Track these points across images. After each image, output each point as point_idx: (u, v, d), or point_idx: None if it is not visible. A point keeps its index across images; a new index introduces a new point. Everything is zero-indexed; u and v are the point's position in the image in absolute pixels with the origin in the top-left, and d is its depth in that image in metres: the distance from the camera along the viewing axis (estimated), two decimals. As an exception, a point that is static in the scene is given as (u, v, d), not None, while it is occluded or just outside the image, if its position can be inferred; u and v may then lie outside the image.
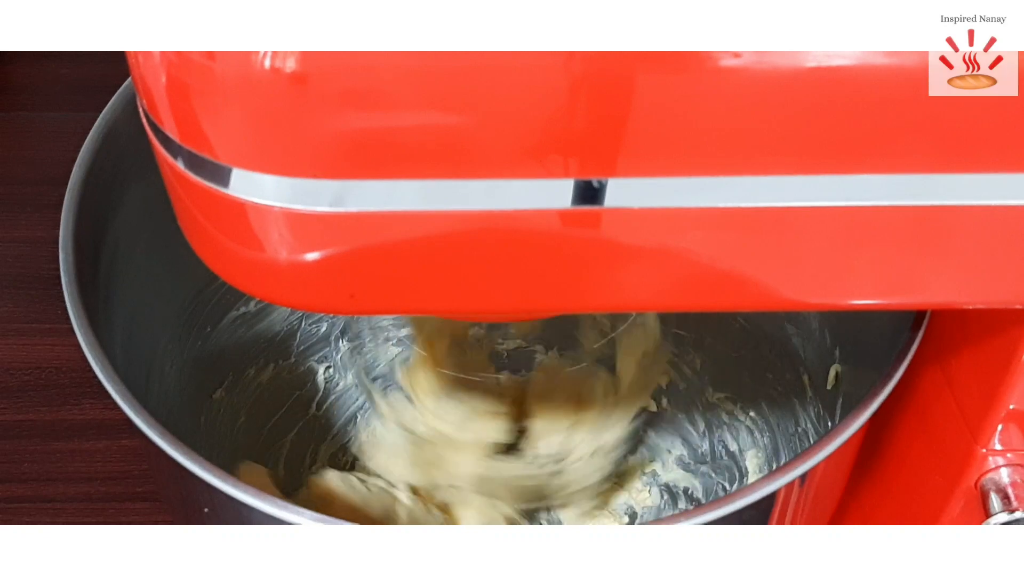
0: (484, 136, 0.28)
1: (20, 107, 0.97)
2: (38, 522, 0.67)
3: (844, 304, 0.34)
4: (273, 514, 0.35)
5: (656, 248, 0.31)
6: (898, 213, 0.30)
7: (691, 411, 0.67)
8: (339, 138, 0.28)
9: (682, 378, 0.67)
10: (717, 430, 0.66)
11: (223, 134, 0.28)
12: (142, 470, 0.70)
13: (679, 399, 0.67)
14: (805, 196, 0.29)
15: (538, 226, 0.30)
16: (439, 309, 0.34)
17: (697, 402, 0.67)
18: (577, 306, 0.33)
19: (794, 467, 0.37)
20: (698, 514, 0.35)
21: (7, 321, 0.79)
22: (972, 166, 0.29)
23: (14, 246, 0.84)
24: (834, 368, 0.54)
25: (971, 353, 0.42)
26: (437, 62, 0.26)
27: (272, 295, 0.33)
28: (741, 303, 0.38)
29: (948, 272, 0.32)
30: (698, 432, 0.67)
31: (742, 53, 0.27)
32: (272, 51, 0.26)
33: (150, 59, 0.28)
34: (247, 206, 0.29)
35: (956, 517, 0.45)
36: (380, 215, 0.29)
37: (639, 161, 0.28)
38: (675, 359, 0.66)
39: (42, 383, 0.75)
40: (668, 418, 0.68)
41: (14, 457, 0.71)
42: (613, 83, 0.27)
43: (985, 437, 0.42)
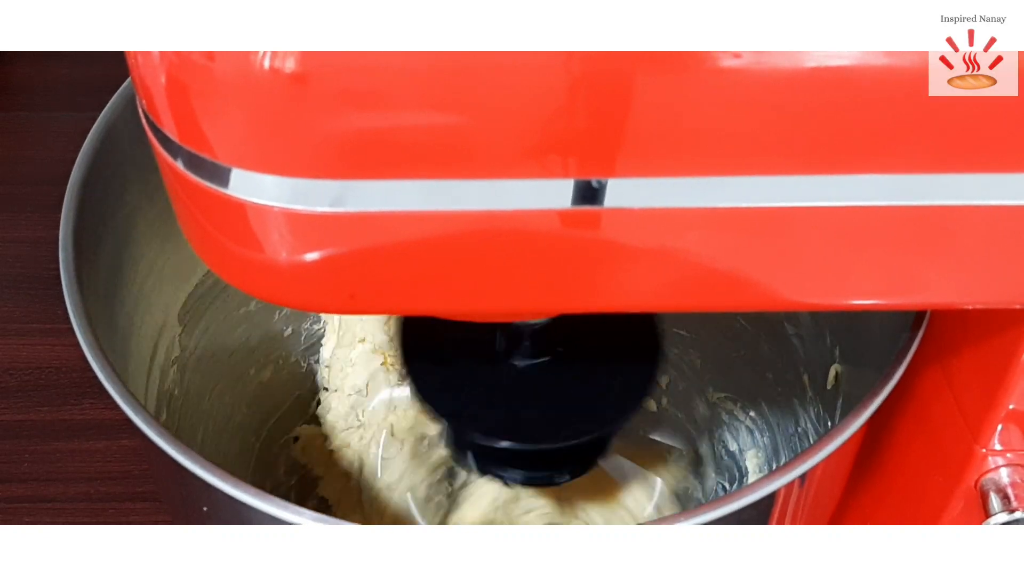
0: (484, 136, 0.28)
1: (20, 107, 0.97)
2: (38, 522, 0.67)
3: (844, 304, 0.34)
4: (273, 514, 0.35)
5: (656, 248, 0.31)
6: (898, 213, 0.30)
7: (691, 411, 0.67)
8: (339, 138, 0.28)
9: (682, 378, 0.67)
10: (717, 430, 0.67)
11: (223, 134, 0.28)
12: (142, 470, 0.70)
13: (679, 399, 0.67)
14: (805, 196, 0.29)
15: (538, 226, 0.30)
16: (439, 309, 0.34)
17: (697, 402, 0.67)
18: (577, 306, 0.33)
19: (794, 467, 0.37)
20: (698, 514, 0.35)
21: (7, 321, 0.79)
22: (972, 166, 0.29)
23: (14, 246, 0.84)
24: (834, 368, 0.54)
25: (971, 353, 0.42)
26: (437, 62, 0.26)
27: (272, 295, 0.33)
28: (741, 303, 0.38)
29: (948, 272, 0.32)
30: (698, 432, 0.68)
31: (742, 53, 0.27)
32: (272, 51, 0.26)
33: (150, 59, 0.28)
34: (247, 206, 0.29)
35: (956, 517, 0.45)
36: (380, 215, 0.29)
37: (639, 161, 0.28)
38: (675, 359, 0.66)
39: (42, 383, 0.75)
40: (668, 418, 0.68)
41: (14, 457, 0.71)
42: (613, 83, 0.27)
43: (985, 437, 0.42)
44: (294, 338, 0.64)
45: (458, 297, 0.32)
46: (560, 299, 0.33)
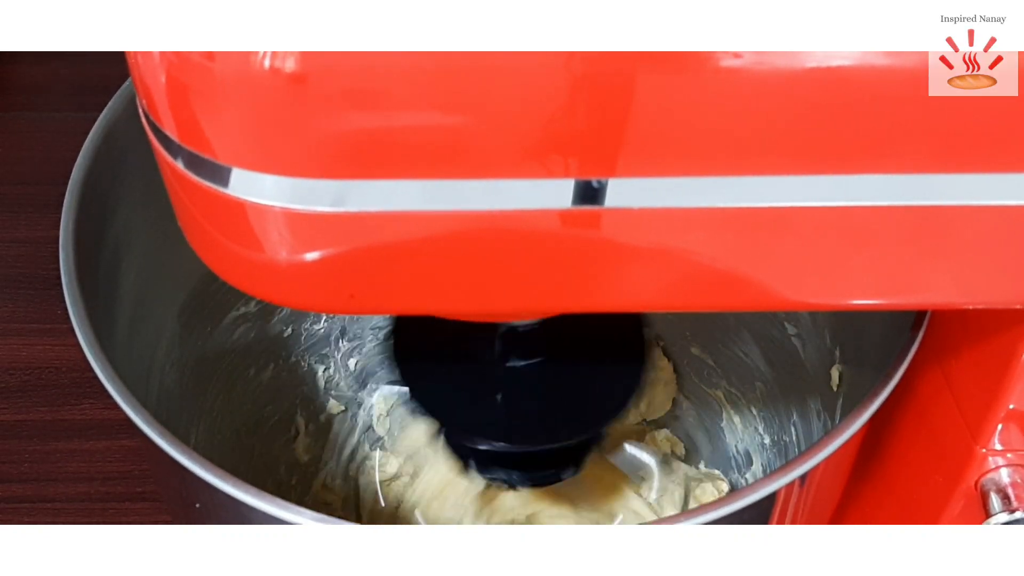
0: (484, 136, 0.28)
1: (20, 107, 0.97)
2: (38, 522, 0.67)
3: (844, 304, 0.34)
4: (273, 514, 0.35)
5: (656, 248, 0.31)
6: (898, 213, 0.30)
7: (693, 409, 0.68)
8: (339, 138, 0.28)
9: (685, 377, 0.67)
10: (717, 429, 0.67)
11: (223, 134, 0.28)
12: (142, 470, 0.70)
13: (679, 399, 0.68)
14: (805, 196, 0.29)
15: (538, 226, 0.30)
16: (439, 309, 0.34)
17: (697, 402, 0.67)
18: (576, 306, 0.33)
19: (794, 467, 0.37)
20: (698, 514, 0.35)
21: (7, 321, 0.79)
22: (972, 166, 0.29)
23: (14, 246, 0.84)
24: (836, 368, 0.54)
25: (971, 353, 0.42)
26: (437, 62, 0.26)
27: (272, 295, 0.33)
28: (741, 303, 0.38)
29: (948, 272, 0.32)
30: (698, 432, 0.68)
31: (742, 53, 0.27)
32: (272, 51, 0.26)
33: (150, 59, 0.28)
34: (247, 206, 0.29)
35: (956, 517, 0.45)
36: (380, 215, 0.29)
37: (639, 161, 0.28)
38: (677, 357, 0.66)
39: (42, 383, 0.75)
40: (668, 418, 0.68)
41: (14, 457, 0.71)
42: (613, 83, 0.27)
43: (985, 437, 0.42)
44: (294, 338, 0.64)
45: (458, 297, 0.32)
46: (560, 299, 0.33)
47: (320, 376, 0.66)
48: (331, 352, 0.67)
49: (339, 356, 0.67)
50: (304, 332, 0.65)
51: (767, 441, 0.62)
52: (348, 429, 0.68)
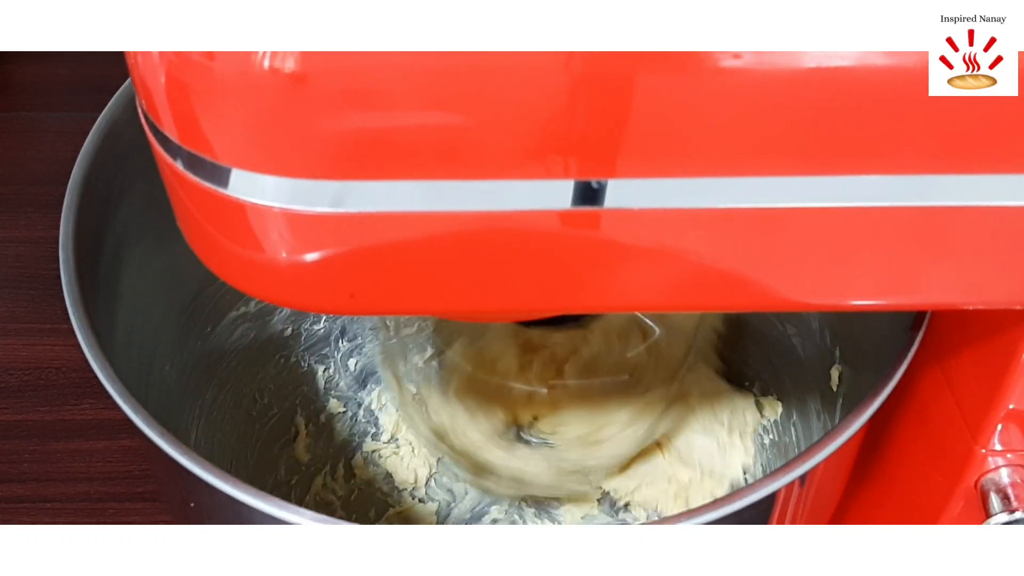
0: (484, 137, 0.28)
1: (20, 107, 0.97)
2: (38, 522, 0.67)
3: (844, 304, 0.34)
4: (272, 514, 0.35)
5: (656, 249, 0.31)
6: (898, 214, 0.30)
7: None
8: (339, 138, 0.28)
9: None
10: (717, 430, 0.66)
11: (222, 134, 0.28)
12: (142, 470, 0.70)
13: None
14: (805, 197, 0.29)
15: (538, 227, 0.30)
16: (439, 310, 0.34)
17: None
18: (576, 306, 0.33)
19: (794, 467, 0.37)
20: (698, 514, 0.35)
21: (7, 321, 0.79)
22: (972, 166, 0.29)
23: (14, 246, 0.84)
24: (836, 368, 0.54)
25: (971, 353, 0.42)
26: (437, 62, 0.26)
27: (272, 295, 0.33)
28: (741, 303, 0.38)
29: (948, 273, 0.32)
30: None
31: (742, 53, 0.27)
32: (272, 51, 0.26)
33: (149, 59, 0.28)
34: (247, 207, 0.29)
35: (956, 517, 0.45)
36: (380, 216, 0.29)
37: (639, 162, 0.28)
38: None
39: (42, 383, 0.75)
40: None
41: (14, 457, 0.71)
42: (613, 83, 0.27)
43: (985, 437, 0.42)
44: (294, 338, 0.64)
45: (458, 297, 0.32)
46: (560, 299, 0.33)
47: (320, 376, 0.66)
48: (331, 352, 0.67)
49: (339, 356, 0.67)
50: (304, 332, 0.65)
51: (767, 441, 0.62)
52: (348, 429, 0.68)
